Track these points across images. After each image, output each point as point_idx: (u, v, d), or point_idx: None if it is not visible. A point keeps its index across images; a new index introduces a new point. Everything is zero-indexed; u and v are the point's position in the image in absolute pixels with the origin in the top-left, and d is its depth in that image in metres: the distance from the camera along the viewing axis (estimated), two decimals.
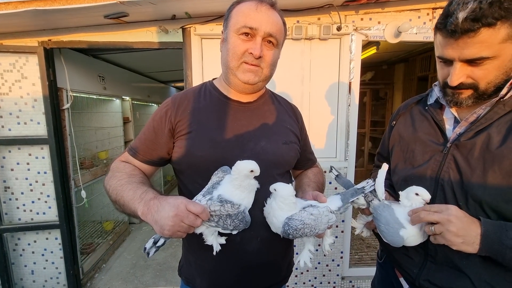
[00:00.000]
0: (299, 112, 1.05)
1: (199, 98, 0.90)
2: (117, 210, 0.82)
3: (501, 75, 0.69)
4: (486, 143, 0.71)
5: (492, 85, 0.70)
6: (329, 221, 0.77)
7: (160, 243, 0.71)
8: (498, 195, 0.68)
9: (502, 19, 0.62)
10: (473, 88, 0.72)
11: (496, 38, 0.63)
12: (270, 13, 0.80)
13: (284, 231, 0.73)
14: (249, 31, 0.78)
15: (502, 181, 0.68)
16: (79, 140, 2.51)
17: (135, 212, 0.73)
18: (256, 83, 0.85)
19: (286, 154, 0.91)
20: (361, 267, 2.37)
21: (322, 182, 1.06)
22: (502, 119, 0.71)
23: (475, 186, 0.71)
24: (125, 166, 0.87)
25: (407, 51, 3.55)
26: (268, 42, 0.82)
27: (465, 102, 0.74)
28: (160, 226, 0.66)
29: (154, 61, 3.09)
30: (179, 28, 1.90)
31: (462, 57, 0.68)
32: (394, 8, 1.90)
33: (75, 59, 2.40)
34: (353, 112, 2.06)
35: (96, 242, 2.80)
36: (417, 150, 0.86)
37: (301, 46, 1.97)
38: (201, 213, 0.66)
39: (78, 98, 2.51)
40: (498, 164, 0.68)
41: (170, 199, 0.69)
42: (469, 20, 0.63)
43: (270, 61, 0.84)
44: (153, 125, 0.87)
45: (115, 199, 0.79)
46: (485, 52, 0.65)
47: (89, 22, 1.83)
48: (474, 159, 0.72)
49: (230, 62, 0.82)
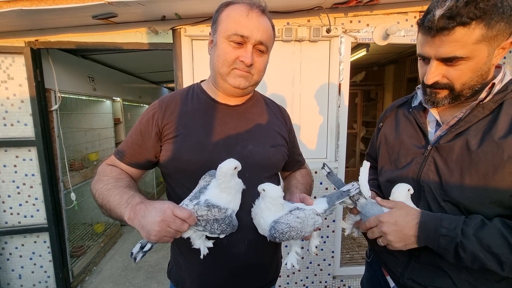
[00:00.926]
0: (288, 114, 1.06)
1: (186, 101, 0.89)
2: (104, 214, 0.82)
3: (476, 77, 0.69)
4: (464, 146, 0.72)
5: (467, 87, 0.71)
6: (315, 224, 0.77)
7: (147, 248, 0.71)
8: (474, 198, 0.69)
9: (477, 19, 0.62)
10: (448, 88, 0.72)
11: (470, 38, 0.64)
12: (261, 19, 0.80)
13: (270, 234, 0.73)
14: (240, 39, 0.78)
15: (478, 184, 0.68)
16: (69, 141, 2.48)
17: (122, 217, 0.73)
18: (246, 88, 0.85)
19: (274, 157, 0.91)
20: (352, 266, 2.40)
21: (310, 184, 1.07)
22: (480, 122, 0.71)
23: (453, 189, 0.72)
24: (111, 170, 0.86)
25: (397, 53, 3.61)
26: (258, 49, 0.82)
27: (441, 102, 0.75)
28: (146, 231, 0.66)
29: (145, 62, 3.07)
30: (169, 29, 1.89)
31: (437, 55, 0.68)
32: (382, 11, 1.93)
33: (64, 60, 2.37)
34: (343, 113, 2.08)
35: (86, 245, 2.77)
36: (401, 152, 0.88)
37: (292, 48, 1.99)
38: (188, 218, 0.66)
39: (67, 99, 2.48)
40: (475, 167, 0.69)
41: (157, 204, 0.69)
42: (445, 17, 0.64)
43: (260, 67, 0.85)
44: (140, 128, 0.86)
45: (102, 204, 0.79)
46: (459, 52, 0.65)
47: (77, 23, 1.81)
48: (453, 161, 0.73)
49: (221, 68, 0.82)
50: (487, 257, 0.64)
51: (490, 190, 0.67)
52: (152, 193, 4.39)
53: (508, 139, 0.66)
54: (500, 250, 0.63)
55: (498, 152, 0.66)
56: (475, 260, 0.65)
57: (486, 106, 0.71)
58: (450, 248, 0.67)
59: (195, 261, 0.84)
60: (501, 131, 0.67)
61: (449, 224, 0.67)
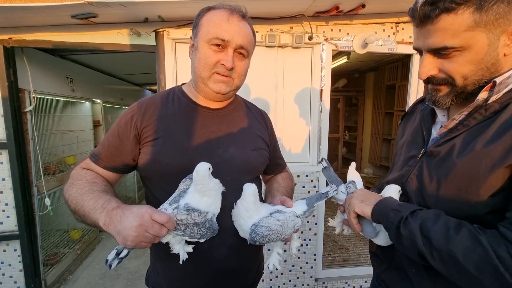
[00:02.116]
0: (269, 118, 1.07)
1: (167, 103, 0.88)
2: (77, 220, 0.78)
3: (479, 70, 0.60)
4: (449, 153, 0.65)
5: (471, 82, 0.61)
6: (295, 226, 0.79)
7: (123, 254, 0.69)
8: (450, 210, 0.62)
9: (465, 3, 0.55)
10: (448, 84, 0.64)
11: (461, 26, 0.56)
12: (242, 24, 0.81)
13: (251, 238, 0.73)
14: (221, 42, 0.79)
15: (452, 197, 0.63)
16: (44, 144, 2.37)
17: (96, 222, 0.70)
18: (227, 93, 0.86)
19: (255, 160, 0.92)
20: (334, 268, 2.44)
21: (291, 187, 1.08)
22: (477, 126, 0.62)
23: (430, 198, 0.68)
24: (86, 174, 0.83)
25: (376, 61, 3.75)
26: (239, 53, 0.83)
27: (443, 100, 0.66)
28: (123, 237, 0.64)
29: (127, 64, 3.01)
30: (151, 31, 1.87)
31: (426, 46, 0.62)
32: (361, 21, 2.01)
33: (40, 59, 2.28)
34: (325, 118, 2.13)
35: (61, 252, 2.64)
36: (402, 154, 0.84)
37: (275, 54, 2.02)
38: (166, 222, 0.65)
39: (43, 100, 2.38)
40: (452, 177, 0.62)
41: (134, 208, 0.67)
42: (427, 4, 0.58)
43: (241, 71, 0.86)
44: (118, 131, 0.84)
45: (75, 209, 0.76)
46: (449, 42, 0.58)
47: (54, 21, 1.75)
48: (434, 168, 0.68)
49: (202, 72, 0.82)
50: (420, 239, 0.59)
51: (464, 204, 0.60)
52: (133, 197, 4.27)
53: (488, 149, 0.57)
54: (435, 235, 0.57)
55: (475, 162, 0.58)
56: (410, 239, 0.61)
57: (490, 108, 0.61)
58: (395, 221, 0.64)
59: (174, 267, 0.83)
60: (485, 138, 0.58)
61: (407, 205, 0.66)
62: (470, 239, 0.54)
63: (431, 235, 0.58)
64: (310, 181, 2.13)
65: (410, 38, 2.09)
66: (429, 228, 0.58)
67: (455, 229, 0.56)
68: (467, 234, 0.54)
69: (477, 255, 0.52)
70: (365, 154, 4.64)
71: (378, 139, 4.15)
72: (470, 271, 0.53)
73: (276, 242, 0.80)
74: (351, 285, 2.38)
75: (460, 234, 0.55)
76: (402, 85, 3.40)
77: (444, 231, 0.57)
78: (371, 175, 4.33)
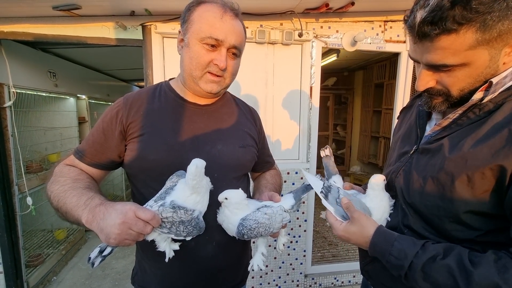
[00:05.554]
0: (258, 115, 1.06)
1: (153, 99, 0.86)
2: (60, 218, 0.76)
3: (477, 82, 0.59)
4: (438, 151, 0.65)
5: (467, 92, 0.60)
6: (283, 220, 0.78)
7: (107, 252, 0.67)
8: (432, 208, 0.64)
9: (468, 22, 0.51)
10: (443, 95, 0.63)
11: (462, 45, 0.53)
12: (235, 23, 0.79)
13: (238, 231, 0.73)
14: (215, 42, 0.77)
15: (436, 193, 0.63)
16: (25, 141, 2.28)
17: (79, 219, 0.69)
18: (218, 92, 0.85)
19: (243, 157, 0.91)
20: (323, 264, 2.47)
21: (279, 184, 1.08)
22: (470, 125, 0.61)
23: (415, 194, 0.68)
24: (70, 170, 0.81)
25: (365, 60, 3.80)
26: (232, 53, 0.81)
27: (438, 107, 0.66)
28: (105, 234, 0.63)
29: (113, 58, 2.92)
30: (138, 25, 1.82)
31: (424, 61, 0.60)
32: (350, 19, 2.02)
33: (20, 52, 2.18)
34: (314, 116, 2.14)
35: (45, 253, 2.56)
36: (396, 149, 0.84)
37: (265, 50, 2.01)
38: (151, 219, 0.63)
39: (24, 95, 2.28)
40: (437, 174, 0.62)
41: (118, 205, 0.65)
42: (427, 23, 0.54)
43: (233, 71, 0.85)
44: (103, 127, 0.82)
45: (57, 206, 0.74)
46: (449, 60, 0.56)
47: (35, 13, 1.67)
48: (422, 165, 0.68)
49: (194, 71, 0.80)
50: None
51: (445, 202, 0.61)
52: (121, 196, 4.17)
53: (475, 149, 0.57)
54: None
55: (462, 162, 0.58)
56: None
57: (484, 108, 0.60)
58: (396, 274, 0.63)
59: (161, 265, 0.81)
60: (475, 138, 0.58)
61: (399, 253, 0.62)
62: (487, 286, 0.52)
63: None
64: (300, 178, 2.14)
65: (398, 36, 2.12)
66: (438, 282, 0.57)
67: (464, 279, 0.54)
68: (482, 283, 0.52)
69: None
70: (353, 152, 4.71)
71: (367, 137, 4.21)
72: None
73: (264, 236, 0.80)
74: (340, 280, 2.42)
75: (472, 285, 0.52)
76: (390, 84, 3.46)
77: (452, 284, 0.55)
78: (359, 172, 4.40)
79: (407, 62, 2.17)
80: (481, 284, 0.52)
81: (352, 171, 4.52)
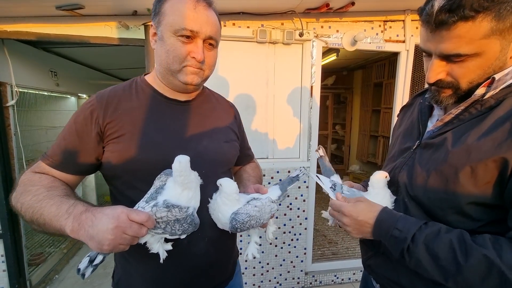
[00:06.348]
0: (236, 109, 1.05)
1: (130, 96, 0.82)
2: (36, 231, 0.70)
3: (486, 74, 0.60)
4: (441, 146, 0.66)
5: (475, 85, 0.62)
6: (271, 211, 0.80)
7: (98, 260, 0.63)
8: (435, 200, 0.66)
9: (485, 11, 0.53)
10: (452, 87, 0.64)
11: (477, 34, 0.55)
12: (209, 13, 0.77)
13: (232, 226, 0.74)
14: (190, 33, 0.74)
15: (439, 186, 0.64)
16: (27, 140, 2.29)
17: (62, 230, 0.63)
18: (198, 84, 0.82)
19: (228, 152, 0.91)
20: (323, 261, 2.49)
21: (260, 176, 1.09)
22: (472, 121, 0.63)
23: (418, 187, 0.70)
24: (41, 178, 0.74)
25: (364, 59, 3.83)
26: (208, 44, 0.79)
27: (446, 101, 0.67)
28: (97, 241, 0.59)
29: (114, 58, 2.93)
30: (140, 24, 1.84)
31: (438, 51, 0.61)
32: (350, 19, 2.05)
33: (22, 52, 2.18)
34: (315, 115, 2.16)
35: (47, 252, 2.57)
36: (397, 145, 0.85)
37: (266, 50, 2.03)
38: (146, 221, 0.61)
39: (26, 95, 2.29)
40: (441, 167, 0.64)
41: (107, 209, 0.62)
42: (445, 10, 0.55)
43: (211, 62, 0.83)
44: (76, 128, 0.76)
45: (32, 219, 0.67)
46: (463, 49, 0.57)
47: (38, 12, 1.68)
48: (425, 159, 0.69)
49: (171, 65, 0.77)
50: (432, 267, 0.60)
51: (449, 194, 0.63)
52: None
53: (479, 142, 0.59)
54: (446, 264, 0.58)
55: (465, 155, 0.60)
56: (418, 266, 0.63)
57: (485, 103, 0.62)
58: (398, 249, 0.65)
59: (151, 267, 0.79)
60: (477, 133, 0.60)
61: (403, 227, 0.64)
62: (483, 263, 0.54)
63: (442, 263, 0.58)
64: None
65: (398, 36, 2.14)
66: (438, 256, 0.59)
67: (463, 254, 0.56)
68: (479, 259, 0.54)
69: (494, 279, 0.53)
70: (352, 151, 4.74)
71: (366, 136, 4.24)
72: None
73: (256, 228, 0.81)
74: (339, 277, 2.45)
75: (471, 259, 0.55)
76: (389, 83, 3.49)
77: (452, 257, 0.57)
78: (359, 171, 4.43)
79: (406, 61, 2.19)
80: (478, 258, 0.54)
81: (351, 170, 4.55)
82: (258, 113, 2.10)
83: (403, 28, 2.13)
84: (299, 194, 2.19)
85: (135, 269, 0.83)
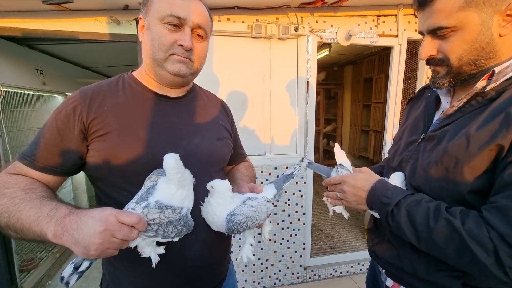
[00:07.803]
0: (228, 107, 1.03)
1: (117, 92, 0.77)
2: (11, 237, 0.64)
3: (474, 50, 0.64)
4: (443, 138, 0.69)
5: (466, 62, 0.66)
6: (268, 210, 0.79)
7: (84, 267, 0.58)
8: (436, 189, 0.68)
9: None
10: (444, 64, 0.69)
11: (454, 6, 0.61)
12: (196, 2, 0.75)
13: (228, 227, 0.72)
14: (177, 21, 0.71)
15: (440, 175, 0.67)
16: (14, 142, 2.19)
17: (43, 235, 0.58)
18: (187, 76, 0.78)
19: (221, 150, 0.88)
20: (321, 256, 2.52)
21: (253, 175, 1.07)
22: (472, 112, 0.66)
23: (420, 178, 0.72)
24: (18, 180, 0.68)
25: (355, 54, 3.87)
26: (197, 34, 0.76)
27: (440, 81, 0.72)
28: (83, 246, 0.54)
29: (104, 55, 2.84)
30: (132, 19, 1.78)
31: (425, 28, 0.67)
32: (345, 13, 2.06)
33: (5, 49, 2.08)
34: (311, 110, 2.17)
35: (39, 257, 2.48)
36: (404, 138, 0.87)
37: (261, 45, 2.01)
38: (137, 223, 0.57)
39: (11, 94, 2.19)
40: (442, 158, 0.67)
41: (94, 212, 0.58)
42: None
43: (200, 54, 0.79)
44: (57, 126, 0.71)
45: (7, 224, 0.61)
46: (443, 22, 0.63)
47: (24, 7, 1.60)
48: (428, 151, 0.72)
49: (157, 54, 0.73)
50: (408, 230, 0.66)
51: (450, 183, 0.65)
52: None
53: (477, 133, 0.61)
54: (420, 227, 0.64)
55: (464, 145, 0.63)
56: (399, 230, 0.69)
57: (486, 95, 0.65)
58: (383, 214, 0.71)
59: (141, 273, 0.75)
60: (477, 123, 0.63)
61: (391, 194, 0.71)
62: (447, 228, 0.60)
63: (416, 226, 0.65)
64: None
65: (391, 31, 2.17)
66: (414, 220, 0.65)
67: (434, 219, 0.62)
68: (445, 224, 0.60)
69: (455, 243, 0.59)
70: (344, 146, 4.80)
71: (357, 131, 4.31)
72: (451, 256, 0.61)
73: (252, 228, 0.79)
74: (338, 270, 2.48)
75: (439, 223, 0.61)
76: (379, 78, 3.54)
77: (425, 221, 0.63)
78: None
79: (400, 55, 2.23)
80: (444, 223, 0.61)
81: None
82: (255, 110, 2.08)
83: (396, 23, 2.16)
84: (297, 190, 2.20)
85: (125, 276, 0.78)
